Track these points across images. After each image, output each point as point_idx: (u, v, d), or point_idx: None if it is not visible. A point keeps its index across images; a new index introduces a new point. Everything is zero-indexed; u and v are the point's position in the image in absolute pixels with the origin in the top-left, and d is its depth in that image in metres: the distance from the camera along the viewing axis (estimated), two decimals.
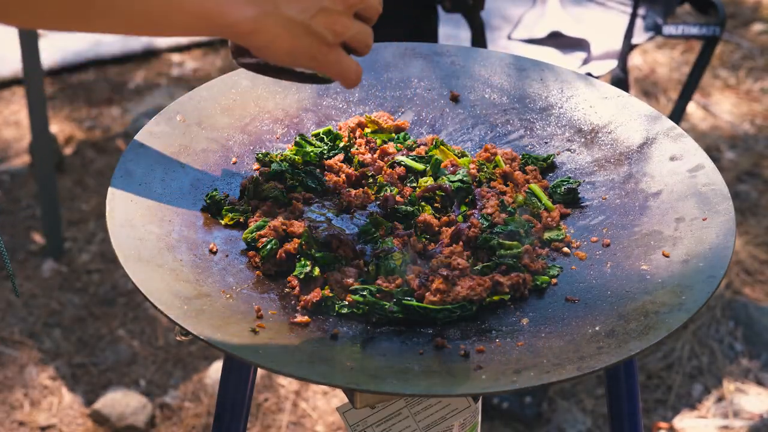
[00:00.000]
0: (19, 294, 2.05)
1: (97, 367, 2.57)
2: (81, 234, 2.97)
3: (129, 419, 2.40)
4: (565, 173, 1.49)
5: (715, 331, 2.68)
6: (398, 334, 1.21)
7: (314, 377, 1.08)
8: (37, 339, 2.63)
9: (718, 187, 1.36)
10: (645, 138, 1.48)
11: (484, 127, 1.57)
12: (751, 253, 2.96)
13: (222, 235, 1.34)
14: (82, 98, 3.59)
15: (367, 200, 1.40)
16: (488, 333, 1.21)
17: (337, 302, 1.24)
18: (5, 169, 3.21)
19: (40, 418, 2.43)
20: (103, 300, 2.76)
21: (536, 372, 1.11)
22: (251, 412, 2.38)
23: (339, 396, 2.51)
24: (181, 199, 1.37)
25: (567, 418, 2.45)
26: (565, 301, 1.26)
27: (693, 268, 1.24)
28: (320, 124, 1.56)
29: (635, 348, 1.12)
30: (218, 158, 1.46)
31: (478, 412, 1.46)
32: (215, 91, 1.54)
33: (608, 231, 1.36)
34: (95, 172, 3.23)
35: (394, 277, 1.26)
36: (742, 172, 3.31)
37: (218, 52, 3.87)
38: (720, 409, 2.49)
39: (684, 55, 3.90)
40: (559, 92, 1.59)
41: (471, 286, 1.24)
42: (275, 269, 1.29)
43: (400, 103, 1.60)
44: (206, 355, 2.61)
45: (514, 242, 1.32)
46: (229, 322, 1.17)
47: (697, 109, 3.61)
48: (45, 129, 2.76)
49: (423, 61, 1.65)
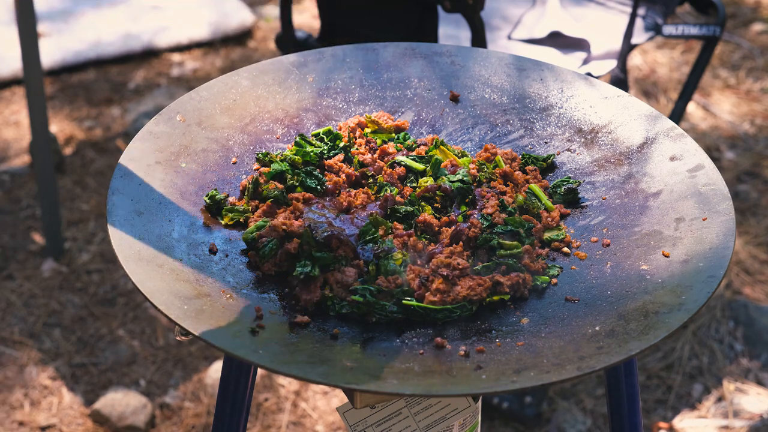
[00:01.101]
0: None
1: (97, 367, 2.57)
2: (81, 234, 2.97)
3: (129, 419, 2.40)
4: (565, 173, 1.49)
5: (715, 331, 2.68)
6: (398, 334, 1.21)
7: (314, 377, 1.08)
8: (37, 339, 2.63)
9: (718, 187, 1.36)
10: (645, 138, 1.48)
11: (484, 127, 1.57)
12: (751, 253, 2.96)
13: (222, 235, 1.34)
14: (82, 98, 3.59)
15: (367, 200, 1.40)
16: (488, 333, 1.21)
17: (337, 302, 1.24)
18: (5, 169, 3.21)
19: (40, 418, 2.43)
20: (103, 300, 2.76)
21: (536, 372, 1.11)
22: (251, 412, 2.38)
23: (339, 396, 2.51)
24: (181, 199, 1.37)
25: (567, 418, 2.45)
26: (565, 301, 1.26)
27: (693, 268, 1.24)
28: (320, 124, 1.56)
29: (635, 348, 1.13)
30: (218, 158, 1.46)
31: (478, 412, 1.46)
32: (215, 91, 1.54)
33: (608, 231, 1.36)
34: (95, 172, 3.23)
35: (394, 277, 1.26)
36: (742, 172, 3.31)
37: (218, 52, 3.87)
38: (720, 409, 2.49)
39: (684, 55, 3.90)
40: (559, 92, 1.59)
41: (471, 286, 1.24)
42: (275, 269, 1.29)
43: (400, 103, 1.60)
44: (206, 355, 2.61)
45: (514, 242, 1.32)
46: (229, 322, 1.17)
47: (697, 109, 3.61)
48: (45, 129, 2.76)
49: (423, 61, 1.65)
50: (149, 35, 3.79)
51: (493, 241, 1.31)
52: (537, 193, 1.42)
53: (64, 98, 3.58)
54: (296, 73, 1.61)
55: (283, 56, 1.64)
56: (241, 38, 3.95)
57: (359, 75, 1.62)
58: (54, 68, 3.65)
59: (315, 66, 1.62)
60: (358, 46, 1.66)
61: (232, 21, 3.92)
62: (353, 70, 1.63)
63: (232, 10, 3.97)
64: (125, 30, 3.80)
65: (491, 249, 1.31)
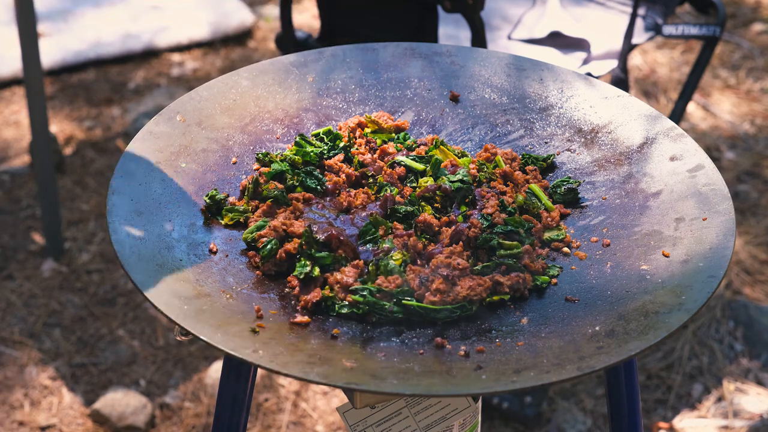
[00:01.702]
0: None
1: (97, 367, 2.57)
2: (81, 234, 2.97)
3: (129, 419, 2.40)
4: (565, 173, 1.49)
5: (715, 331, 2.68)
6: (398, 334, 1.21)
7: (314, 377, 1.08)
8: (37, 339, 2.63)
9: (718, 187, 1.36)
10: (645, 138, 1.48)
11: (484, 127, 1.57)
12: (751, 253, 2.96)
13: (222, 235, 1.34)
14: (82, 98, 3.59)
15: (367, 201, 1.40)
16: (488, 333, 1.21)
17: (337, 302, 1.24)
18: (5, 169, 3.21)
19: (40, 418, 2.43)
20: (103, 300, 2.76)
21: (536, 372, 1.11)
22: (251, 412, 2.38)
23: (339, 396, 2.51)
24: (181, 199, 1.37)
25: (567, 418, 2.45)
26: (565, 301, 1.26)
27: (693, 268, 1.24)
28: (320, 124, 1.56)
29: (635, 348, 1.13)
30: (218, 158, 1.46)
31: (478, 412, 1.46)
32: (215, 91, 1.54)
33: (608, 231, 1.36)
34: (95, 172, 3.23)
35: (394, 277, 1.26)
36: (742, 172, 3.31)
37: (218, 52, 3.87)
38: (720, 409, 2.49)
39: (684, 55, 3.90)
40: (559, 92, 1.59)
41: (471, 286, 1.24)
42: (275, 269, 1.29)
43: (400, 103, 1.60)
44: (206, 355, 2.61)
45: (514, 242, 1.32)
46: (229, 322, 1.17)
47: (697, 109, 3.61)
48: (45, 129, 2.76)
49: (423, 61, 1.65)
50: (149, 35, 3.79)
51: (493, 241, 1.31)
52: (537, 193, 1.42)
53: (64, 98, 3.58)
54: (296, 73, 1.61)
55: (283, 56, 1.64)
56: (241, 38, 3.95)
57: (359, 75, 1.62)
58: (54, 68, 3.65)
59: (315, 66, 1.62)
60: (358, 46, 1.66)
61: (232, 21, 3.92)
62: (353, 70, 1.63)
63: (232, 10, 3.97)
64: (125, 30, 3.80)
65: (491, 249, 1.31)
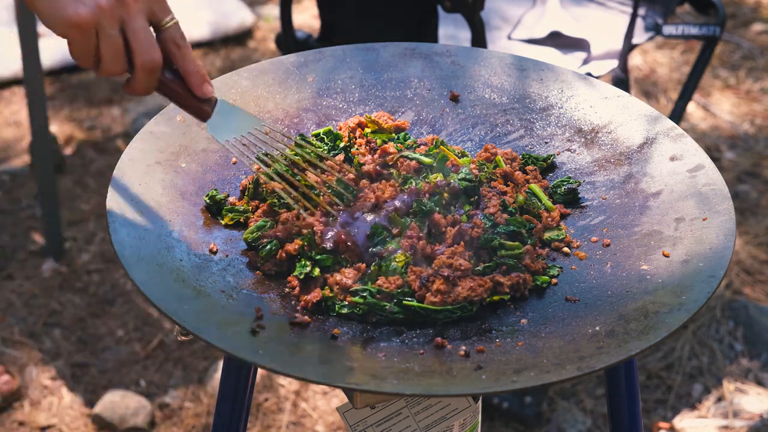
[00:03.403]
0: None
1: (97, 368, 2.57)
2: (81, 234, 2.97)
3: (129, 419, 2.40)
4: (565, 173, 1.49)
5: (715, 331, 2.68)
6: (398, 334, 1.21)
7: (314, 377, 1.08)
8: (37, 339, 2.63)
9: (718, 187, 1.36)
10: (645, 138, 1.48)
11: (484, 127, 1.57)
12: (751, 253, 2.96)
13: (222, 235, 1.34)
14: (82, 98, 3.58)
15: (395, 193, 1.36)
16: (488, 333, 1.21)
17: (337, 302, 1.24)
18: (5, 169, 3.21)
19: (40, 418, 2.43)
20: (103, 300, 2.76)
21: (536, 372, 1.11)
22: (251, 412, 2.38)
23: (339, 396, 2.51)
24: (181, 199, 1.36)
25: (567, 418, 2.45)
26: (565, 301, 1.26)
27: (693, 268, 1.24)
28: (320, 124, 1.56)
29: (635, 348, 1.12)
30: (218, 158, 1.46)
31: (478, 412, 1.46)
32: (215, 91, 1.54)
33: (608, 231, 1.36)
34: (95, 172, 3.23)
35: (395, 278, 1.26)
36: (742, 172, 3.31)
37: (218, 52, 3.87)
38: (720, 409, 2.49)
39: (684, 55, 3.90)
40: (559, 92, 1.59)
41: (471, 286, 1.24)
42: (275, 269, 1.29)
43: (400, 103, 1.60)
44: (206, 355, 2.61)
45: (515, 243, 1.32)
46: (229, 322, 1.17)
47: (697, 109, 3.61)
48: (45, 129, 2.76)
49: (423, 61, 1.65)
50: None
51: (495, 242, 1.31)
52: (537, 193, 1.42)
53: (64, 98, 3.58)
54: (296, 73, 1.61)
55: (283, 56, 1.64)
56: (241, 38, 3.95)
57: (359, 75, 1.62)
58: (54, 68, 3.65)
59: (315, 66, 1.62)
60: (358, 46, 1.66)
61: (232, 21, 3.92)
62: (353, 70, 1.63)
63: (232, 10, 3.97)
64: None
65: (493, 249, 1.31)
